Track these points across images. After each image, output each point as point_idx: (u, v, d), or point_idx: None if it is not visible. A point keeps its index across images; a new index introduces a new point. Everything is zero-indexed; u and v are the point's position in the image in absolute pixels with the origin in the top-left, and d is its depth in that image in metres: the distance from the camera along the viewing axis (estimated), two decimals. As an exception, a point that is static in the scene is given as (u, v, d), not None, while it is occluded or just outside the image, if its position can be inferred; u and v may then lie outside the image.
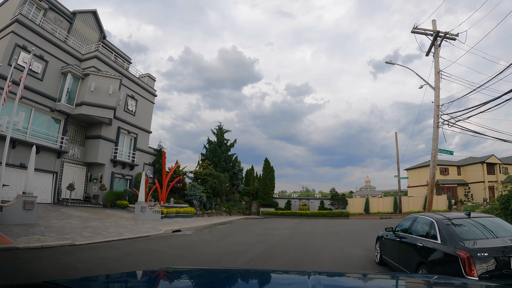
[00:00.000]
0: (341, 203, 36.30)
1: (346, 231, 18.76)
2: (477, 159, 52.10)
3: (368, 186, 54.00)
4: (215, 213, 32.42)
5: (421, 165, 52.65)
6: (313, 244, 12.69)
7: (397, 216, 34.03)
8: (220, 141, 40.43)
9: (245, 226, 22.10)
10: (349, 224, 24.94)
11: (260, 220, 30.78)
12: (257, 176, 42.24)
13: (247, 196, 39.60)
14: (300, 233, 17.30)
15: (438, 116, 18.03)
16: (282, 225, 23.17)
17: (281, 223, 25.36)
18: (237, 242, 13.30)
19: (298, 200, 39.31)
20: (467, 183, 50.13)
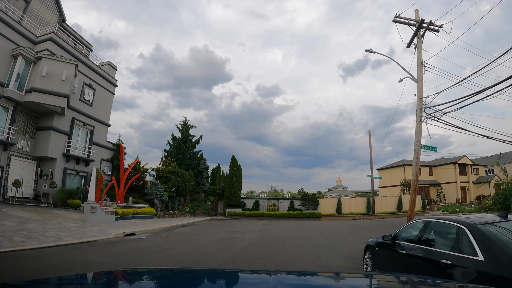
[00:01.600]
0: (312, 204, 34.96)
1: (320, 235, 17.21)
2: (449, 160, 52.44)
3: (340, 186, 53.12)
4: (178, 214, 30.51)
5: (392, 165, 52.40)
6: (285, 252, 10.98)
7: (370, 217, 33.13)
8: (185, 137, 38.26)
9: (208, 229, 20.17)
10: (322, 226, 23.50)
11: (226, 221, 29.00)
12: (223, 174, 40.43)
13: (213, 196, 37.78)
14: (269, 238, 15.56)
15: (421, 109, 17.11)
16: (249, 228, 21.48)
17: (248, 225, 23.72)
18: (195, 249, 11.38)
19: (267, 200, 37.69)
20: (439, 184, 50.36)
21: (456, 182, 49.49)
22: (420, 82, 16.75)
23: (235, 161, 37.54)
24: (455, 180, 49.66)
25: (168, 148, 38.44)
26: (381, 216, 33.45)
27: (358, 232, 18.77)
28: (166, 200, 29.44)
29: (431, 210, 37.22)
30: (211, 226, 23.05)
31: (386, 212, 34.50)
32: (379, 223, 25.60)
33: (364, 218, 32.70)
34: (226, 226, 23.06)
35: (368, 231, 18.86)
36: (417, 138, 16.92)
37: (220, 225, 24.17)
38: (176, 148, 37.81)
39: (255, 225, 24.47)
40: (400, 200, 35.44)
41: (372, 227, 21.78)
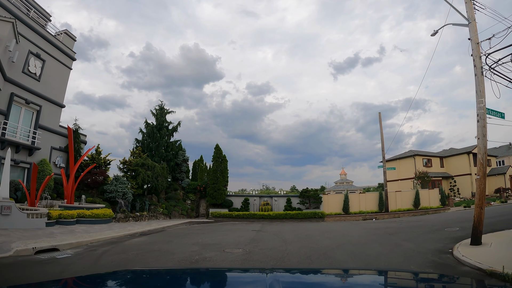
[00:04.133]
0: (313, 202, 29.32)
1: (341, 248, 11.64)
2: (462, 150, 47.59)
3: (345, 180, 47.28)
4: (148, 217, 25.07)
5: (400, 157, 47.06)
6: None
7: (383, 215, 27.72)
8: (160, 123, 32.70)
9: (174, 240, 14.50)
10: (333, 231, 17.91)
11: (206, 226, 23.46)
12: (206, 168, 34.48)
13: (194, 194, 32.22)
14: (262, 258, 9.89)
15: (480, 57, 12.02)
16: (234, 237, 15.93)
17: (233, 232, 18.19)
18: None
19: (258, 198, 31.98)
20: (451, 176, 45.00)
21: (470, 174, 44.28)
22: (473, 22, 12.37)
23: (219, 151, 31.84)
24: (469, 172, 44.46)
25: (141, 137, 32.69)
26: (396, 214, 28.05)
27: (391, 240, 13.21)
28: (131, 199, 23.88)
29: (450, 206, 31.80)
30: (181, 234, 17.32)
31: (401, 209, 29.03)
32: (402, 224, 20.10)
33: (377, 218, 27.21)
34: (202, 234, 17.34)
35: (404, 239, 13.50)
36: (480, 99, 11.99)
37: (196, 232, 18.48)
38: (149, 136, 32.34)
39: (242, 231, 18.91)
40: (417, 195, 29.95)
41: (401, 230, 16.37)
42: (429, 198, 30.73)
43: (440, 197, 31.46)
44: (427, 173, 36.76)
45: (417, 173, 37.60)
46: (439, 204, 30.90)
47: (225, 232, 18.35)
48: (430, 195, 31.06)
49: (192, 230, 19.51)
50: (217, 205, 30.65)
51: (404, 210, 28.86)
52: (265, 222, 26.14)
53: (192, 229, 20.22)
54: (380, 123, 30.60)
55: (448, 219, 21.48)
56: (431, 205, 30.34)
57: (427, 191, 31.41)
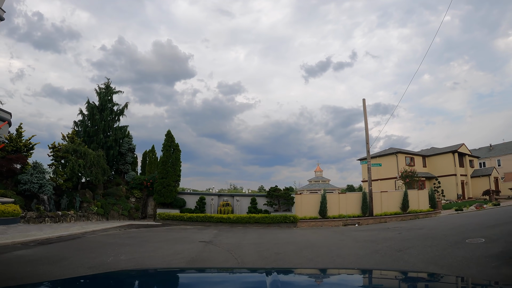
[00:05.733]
0: (283, 203, 24.67)
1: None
2: (446, 149, 44.83)
3: (320, 178, 42.73)
4: (75, 217, 20.36)
5: (380, 154, 43.14)
6: None
7: (367, 220, 23.55)
8: (104, 104, 27.44)
9: (73, 257, 9.72)
10: (314, 246, 13.38)
11: (146, 231, 18.50)
12: (157, 160, 29.34)
13: (140, 190, 27.11)
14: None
15: None
16: (168, 254, 11.49)
17: (172, 243, 13.73)
18: None
19: (217, 197, 26.97)
20: (435, 177, 41.53)
21: (455, 174, 41.35)
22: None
23: (171, 138, 26.83)
24: (454, 172, 41.51)
25: (81, 119, 27.62)
26: (383, 218, 23.89)
27: (408, 263, 8.95)
28: (50, 192, 19.18)
29: (439, 209, 27.98)
30: (98, 245, 12.63)
31: (387, 213, 24.82)
32: (401, 233, 15.83)
33: (360, 223, 22.90)
34: (128, 245, 12.57)
35: (426, 260, 9.56)
36: None
37: (122, 242, 13.64)
38: (90, 118, 27.29)
39: (186, 242, 14.31)
40: (406, 196, 25.81)
41: (408, 244, 12.11)
42: (418, 200, 26.73)
43: (429, 200, 27.50)
44: (415, 171, 32.80)
45: (402, 172, 33.46)
46: (429, 207, 27.03)
47: (162, 243, 13.60)
48: (420, 196, 27.07)
49: (119, 239, 14.65)
50: (167, 205, 25.70)
51: (391, 214, 24.65)
52: (223, 228, 21.48)
53: (121, 237, 15.36)
54: (364, 111, 26.35)
55: (451, 225, 17.59)
56: (421, 208, 26.37)
57: (416, 192, 27.39)
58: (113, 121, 28.33)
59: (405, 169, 34.18)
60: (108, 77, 30.96)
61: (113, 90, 28.86)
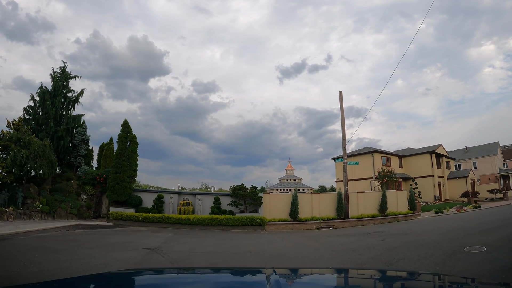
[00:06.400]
0: (250, 203, 22.37)
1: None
2: (423, 149, 43.87)
3: (292, 177, 40.51)
4: (14, 215, 18.74)
5: (356, 153, 41.48)
6: None
7: (343, 223, 21.60)
8: (57, 89, 24.87)
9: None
10: (284, 255, 11.00)
11: (89, 234, 16.32)
12: (113, 152, 26.68)
13: (93, 186, 24.42)
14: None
15: None
16: (89, 267, 8.89)
17: (107, 252, 11.42)
18: None
19: (177, 195, 24.34)
20: (411, 178, 40.23)
21: (432, 176, 40.24)
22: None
23: (128, 129, 24.24)
24: (431, 173, 40.40)
25: (32, 106, 25.26)
26: (359, 221, 21.97)
27: None
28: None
29: (419, 211, 26.37)
30: (4, 254, 10.14)
31: (364, 215, 22.91)
32: (385, 239, 13.90)
33: (335, 226, 20.86)
34: (45, 255, 10.38)
35: None
36: None
37: (44, 249, 11.47)
38: (41, 105, 24.60)
39: (127, 250, 11.98)
40: (384, 197, 23.97)
41: (396, 254, 10.25)
42: (397, 202, 24.97)
43: (409, 202, 25.82)
44: (393, 171, 31.14)
45: (380, 172, 31.71)
46: (408, 209, 25.35)
47: (97, 250, 11.50)
48: (398, 198, 25.32)
49: (50, 243, 12.58)
50: (121, 203, 22.99)
51: (369, 216, 22.75)
52: (182, 230, 19.05)
53: (55, 240, 13.37)
54: (341, 105, 24.38)
55: (438, 230, 15.87)
56: (399, 210, 24.63)
57: (394, 193, 25.63)
58: (66, 109, 25.59)
59: (382, 168, 32.56)
60: (65, 61, 28.05)
61: (69, 74, 26.08)
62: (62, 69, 26.06)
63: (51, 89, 25.11)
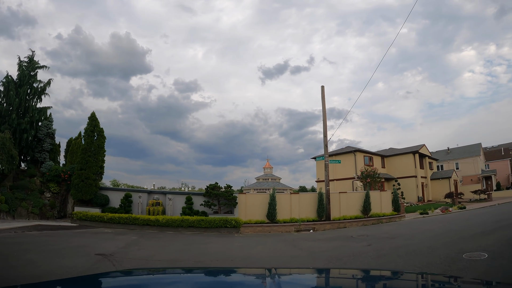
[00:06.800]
0: (224, 203, 20.83)
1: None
2: (406, 149, 43.41)
3: (270, 176, 38.99)
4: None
5: (337, 152, 40.48)
6: None
7: (324, 225, 20.35)
8: (23, 79, 23.14)
9: None
10: (257, 264, 9.45)
11: (44, 237, 14.42)
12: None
13: (57, 184, 22.41)
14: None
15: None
16: (24, 276, 7.23)
17: (53, 258, 9.82)
18: None
19: (147, 194, 22.63)
20: (394, 178, 39.36)
21: (416, 176, 39.49)
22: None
23: (95, 122, 22.56)
24: (414, 174, 39.67)
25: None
26: (341, 223, 20.77)
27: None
28: None
29: (403, 213, 25.33)
30: None
31: (346, 217, 21.71)
32: (371, 244, 12.60)
33: (316, 228, 19.55)
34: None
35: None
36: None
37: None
38: (5, 95, 22.77)
39: (76, 256, 10.45)
40: (368, 198, 22.82)
41: (386, 262, 8.85)
42: (380, 203, 23.87)
43: (393, 203, 24.75)
44: (377, 171, 30.04)
45: (363, 171, 30.52)
46: (392, 210, 24.28)
47: (44, 255, 10.19)
48: (382, 198, 24.22)
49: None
50: (87, 202, 21.18)
51: (351, 218, 21.55)
52: (149, 233, 17.46)
53: (3, 243, 12.16)
54: (323, 100, 23.10)
55: (428, 233, 14.66)
56: (383, 211, 23.55)
57: (378, 194, 24.49)
58: (32, 100, 23.65)
59: (365, 168, 31.45)
60: (33, 50, 25.92)
61: (37, 63, 24.07)
62: (30, 58, 24.03)
63: (16, 79, 23.19)
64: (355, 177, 33.97)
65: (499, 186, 47.99)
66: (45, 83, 24.50)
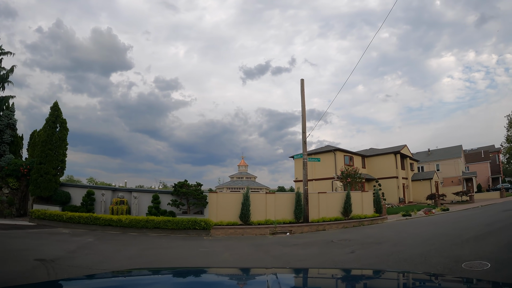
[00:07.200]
0: (193, 203, 19.22)
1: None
2: (387, 150, 42.62)
3: (245, 174, 37.37)
4: None
5: (316, 151, 39.26)
6: None
7: (302, 227, 19.02)
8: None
9: None
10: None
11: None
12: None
13: (17, 179, 20.36)
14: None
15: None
16: None
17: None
18: None
19: (111, 192, 20.75)
20: (375, 179, 38.44)
21: (397, 177, 38.63)
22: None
23: (57, 112, 20.51)
24: (395, 174, 38.76)
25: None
26: (320, 225, 19.50)
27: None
28: None
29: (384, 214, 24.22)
30: None
31: (326, 218, 20.39)
32: (354, 250, 11.30)
33: (293, 231, 18.19)
34: None
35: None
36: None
37: None
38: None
39: (12, 261, 8.97)
40: (349, 199, 21.58)
41: (374, 272, 6.88)
42: (362, 204, 22.68)
43: (375, 205, 23.64)
44: (358, 171, 28.84)
45: (343, 171, 29.23)
46: (374, 212, 23.10)
47: None
48: (364, 199, 23.03)
49: None
50: (46, 199, 19.30)
51: (331, 220, 20.24)
52: (110, 234, 15.87)
53: None
54: (302, 93, 21.73)
55: (416, 237, 13.52)
56: (365, 212, 22.37)
57: (359, 194, 23.26)
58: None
59: (345, 167, 30.25)
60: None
61: (0, 49, 22.17)
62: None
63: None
64: (335, 177, 32.79)
65: (480, 188, 48.40)
66: (8, 70, 22.78)
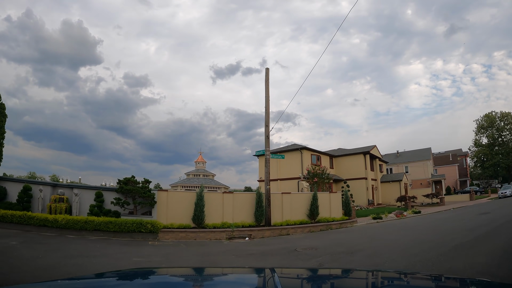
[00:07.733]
0: (141, 202, 16.94)
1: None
2: (356, 150, 41.70)
3: (202, 172, 35.18)
4: None
5: (282, 150, 37.51)
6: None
7: (263, 231, 17.19)
8: None
9: None
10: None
11: None
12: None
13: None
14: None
15: None
16: None
17: None
18: None
19: (51, 188, 18.25)
20: (343, 180, 37.17)
21: (366, 178, 37.44)
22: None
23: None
24: (364, 175, 37.66)
25: None
26: (284, 229, 17.71)
27: None
28: None
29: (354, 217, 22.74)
30: None
31: (290, 222, 18.62)
32: (308, 264, 9.13)
33: (253, 236, 16.28)
34: None
35: None
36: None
37: None
38: None
39: None
40: (315, 200, 19.89)
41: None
42: (330, 206, 21.06)
43: (344, 207, 22.17)
44: (326, 170, 27.25)
45: (309, 170, 27.49)
46: (343, 215, 21.58)
47: None
48: (332, 201, 21.41)
49: None
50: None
51: (296, 224, 18.48)
52: (43, 236, 13.79)
53: None
54: (266, 82, 19.89)
55: (393, 244, 11.94)
56: (333, 215, 20.76)
57: (327, 196, 21.63)
58: None
59: (312, 167, 28.65)
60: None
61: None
62: None
63: None
64: (301, 177, 31.15)
65: (449, 191, 48.99)
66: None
